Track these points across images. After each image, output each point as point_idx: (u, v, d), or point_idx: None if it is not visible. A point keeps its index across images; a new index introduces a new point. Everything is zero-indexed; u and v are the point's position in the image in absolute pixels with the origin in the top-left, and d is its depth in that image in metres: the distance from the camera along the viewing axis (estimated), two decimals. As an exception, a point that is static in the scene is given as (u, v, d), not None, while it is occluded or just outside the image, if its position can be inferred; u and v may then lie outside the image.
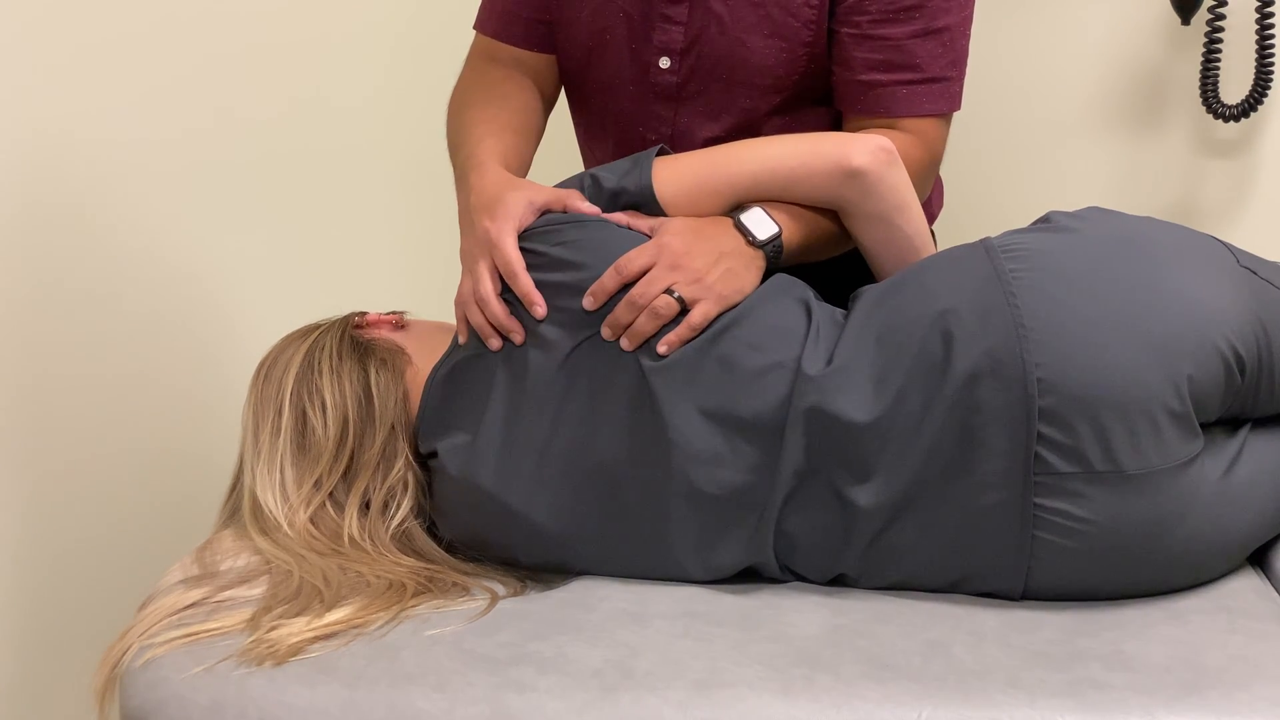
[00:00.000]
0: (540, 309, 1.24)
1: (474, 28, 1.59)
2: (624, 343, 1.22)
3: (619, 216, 1.29)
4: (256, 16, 1.89)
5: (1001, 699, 1.03)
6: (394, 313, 1.38)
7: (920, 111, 1.41)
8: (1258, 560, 1.26)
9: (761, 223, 1.29)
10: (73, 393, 1.65)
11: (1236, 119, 1.79)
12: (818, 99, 1.46)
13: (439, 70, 1.60)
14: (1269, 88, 1.76)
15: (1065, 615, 1.16)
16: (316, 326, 1.34)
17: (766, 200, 1.31)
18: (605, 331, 1.23)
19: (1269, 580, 1.23)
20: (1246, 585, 1.21)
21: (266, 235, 1.94)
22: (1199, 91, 1.80)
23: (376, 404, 1.28)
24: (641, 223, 1.29)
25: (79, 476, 1.67)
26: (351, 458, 1.27)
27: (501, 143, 1.41)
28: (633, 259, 1.23)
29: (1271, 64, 1.75)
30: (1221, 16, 1.74)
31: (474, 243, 1.30)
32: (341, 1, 2.03)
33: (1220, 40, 1.76)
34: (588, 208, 1.28)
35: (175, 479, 1.80)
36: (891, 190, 1.31)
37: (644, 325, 1.22)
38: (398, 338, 1.34)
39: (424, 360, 1.31)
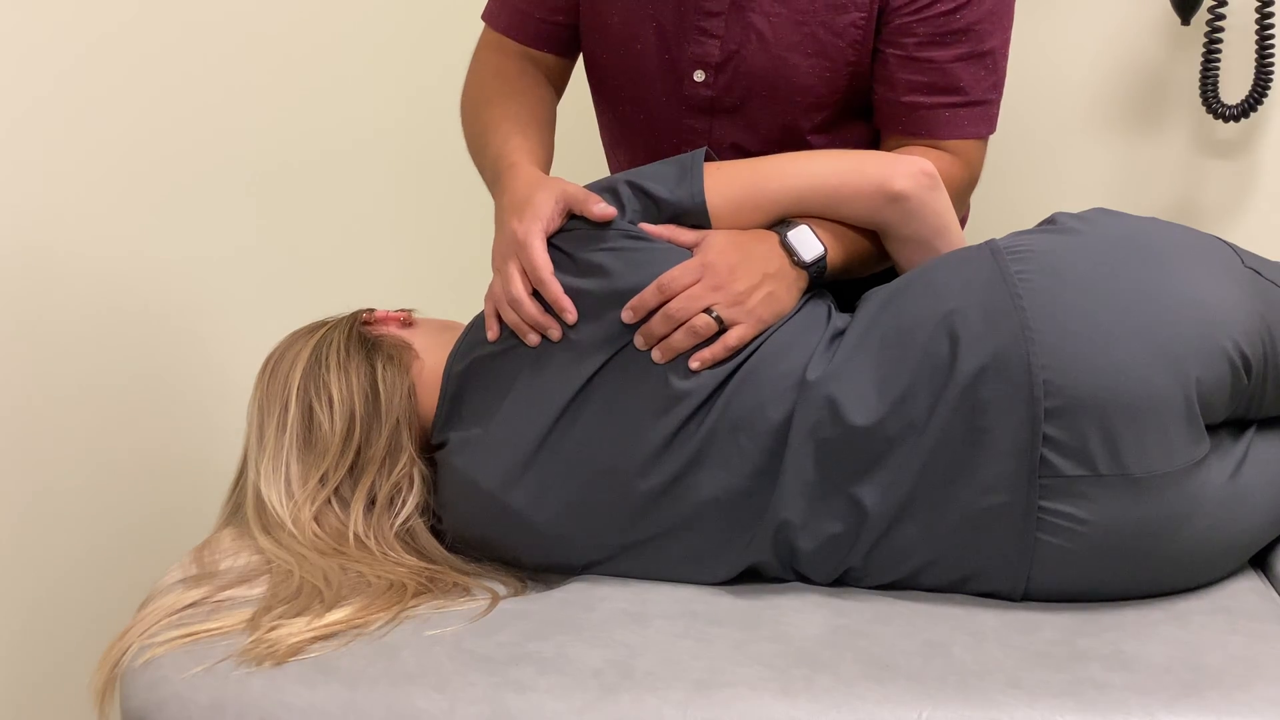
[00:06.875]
0: (570, 314, 1.23)
1: (483, 18, 1.57)
2: (656, 355, 1.21)
3: (660, 230, 1.27)
4: (255, 15, 1.88)
5: (1001, 699, 1.03)
6: (402, 310, 1.37)
7: (962, 134, 1.40)
8: (1258, 561, 1.26)
9: (808, 243, 1.27)
10: (75, 391, 1.65)
11: (1236, 119, 1.79)
12: (859, 113, 1.44)
13: (439, 67, 1.59)
14: (1269, 88, 1.76)
15: (1065, 615, 1.16)
16: (324, 323, 1.34)
17: (808, 216, 1.30)
18: (638, 340, 1.22)
19: (1269, 581, 1.23)
20: (1246, 586, 1.21)
21: (269, 237, 1.93)
22: (1199, 91, 1.80)
23: (383, 400, 1.27)
24: (683, 236, 1.27)
25: (79, 476, 1.67)
26: (358, 453, 1.26)
27: (529, 140, 1.40)
28: (676, 278, 1.22)
29: (1271, 64, 1.75)
30: (1221, 16, 1.74)
31: (504, 243, 1.29)
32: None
33: (1220, 40, 1.76)
34: (600, 211, 1.25)
35: (176, 479, 1.80)
36: (933, 215, 1.31)
37: (679, 341, 1.21)
38: (405, 334, 1.33)
39: (431, 357, 1.31)
